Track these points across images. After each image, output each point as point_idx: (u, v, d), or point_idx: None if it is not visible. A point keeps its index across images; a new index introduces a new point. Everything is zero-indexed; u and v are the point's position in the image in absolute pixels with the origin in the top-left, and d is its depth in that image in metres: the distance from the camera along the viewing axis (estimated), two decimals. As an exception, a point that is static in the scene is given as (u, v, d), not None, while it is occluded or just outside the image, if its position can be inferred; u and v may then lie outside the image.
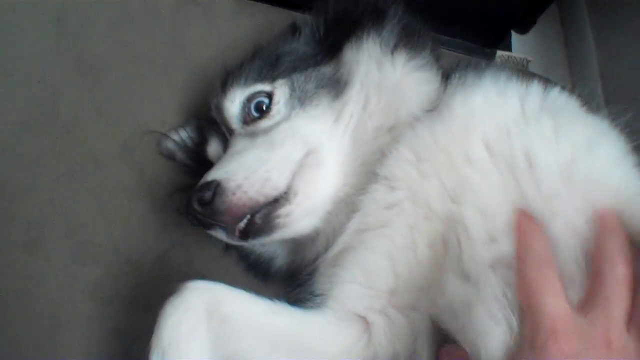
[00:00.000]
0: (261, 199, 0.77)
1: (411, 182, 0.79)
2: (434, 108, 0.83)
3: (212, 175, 0.78)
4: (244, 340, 0.75)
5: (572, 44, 1.46)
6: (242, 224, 0.77)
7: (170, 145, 0.98)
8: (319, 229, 0.84)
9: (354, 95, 0.85)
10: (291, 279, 0.89)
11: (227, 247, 0.94)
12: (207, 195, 0.76)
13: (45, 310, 0.89)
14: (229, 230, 0.78)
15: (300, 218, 0.80)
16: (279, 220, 0.79)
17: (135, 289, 0.91)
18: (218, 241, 0.90)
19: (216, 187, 0.76)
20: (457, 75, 0.84)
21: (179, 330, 0.69)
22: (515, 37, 1.40)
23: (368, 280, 0.80)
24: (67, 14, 1.03)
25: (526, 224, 0.69)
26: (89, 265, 0.92)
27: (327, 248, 0.84)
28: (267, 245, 0.92)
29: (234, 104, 0.86)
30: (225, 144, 0.88)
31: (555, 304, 0.62)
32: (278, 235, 0.80)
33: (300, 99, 0.85)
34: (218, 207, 0.76)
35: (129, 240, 0.94)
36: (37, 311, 0.89)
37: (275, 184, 0.78)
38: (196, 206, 0.76)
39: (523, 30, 1.39)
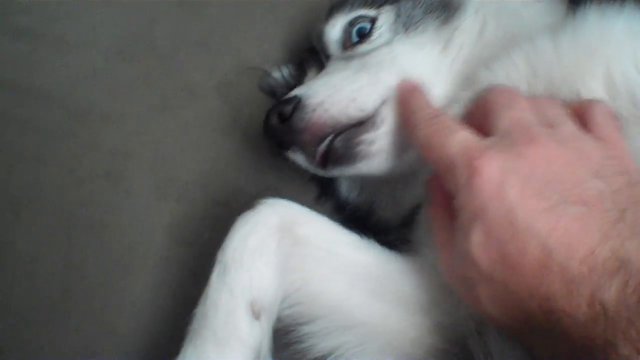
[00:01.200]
0: (343, 119, 0.68)
1: None
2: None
3: (296, 91, 0.70)
4: (318, 269, 0.66)
5: None
6: (322, 147, 0.68)
7: (271, 81, 0.88)
8: (417, 172, 0.72)
9: (467, 20, 0.75)
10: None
11: (321, 196, 0.83)
12: (287, 109, 0.69)
13: (121, 247, 0.80)
14: (308, 153, 0.69)
15: (384, 151, 0.69)
16: (361, 148, 0.68)
17: (220, 233, 0.80)
18: (313, 188, 0.80)
19: (297, 102, 0.68)
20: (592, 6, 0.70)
21: (246, 244, 0.62)
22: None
23: None
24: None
25: (403, 93, 0.64)
26: (172, 202, 0.82)
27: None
28: (364, 194, 0.81)
29: (334, 28, 0.78)
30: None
31: (457, 137, 0.54)
32: (360, 167, 0.70)
33: (405, 25, 0.75)
34: (297, 124, 0.68)
35: (219, 180, 0.84)
36: (113, 246, 0.80)
37: (360, 105, 0.68)
38: (274, 121, 0.69)
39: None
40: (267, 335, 0.61)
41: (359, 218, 0.82)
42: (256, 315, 0.60)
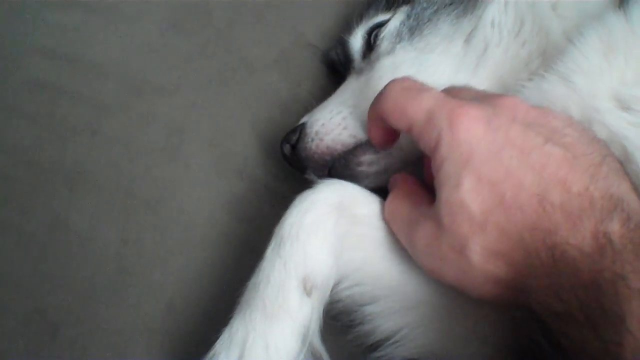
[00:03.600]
0: (338, 147, 0.69)
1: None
2: None
3: (304, 117, 0.73)
4: (377, 249, 0.64)
5: None
6: (326, 171, 0.70)
7: (333, 55, 0.85)
8: None
9: (493, 9, 0.70)
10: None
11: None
12: (293, 139, 0.72)
13: (179, 223, 0.77)
14: (318, 175, 0.70)
15: (385, 170, 0.70)
16: (362, 169, 0.70)
17: (279, 209, 0.77)
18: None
19: (300, 131, 0.72)
20: None
21: (303, 220, 0.61)
22: None
23: None
24: None
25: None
26: (231, 178, 0.79)
27: None
28: None
29: (356, 38, 0.78)
30: None
31: (431, 93, 0.53)
32: (369, 183, 0.69)
33: (412, 28, 0.73)
34: (300, 153, 0.71)
35: (277, 155, 0.81)
36: (170, 223, 0.77)
37: (352, 132, 0.69)
38: (287, 150, 0.73)
39: None
40: (317, 313, 0.59)
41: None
42: (308, 291, 0.59)
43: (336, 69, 0.85)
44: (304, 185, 0.75)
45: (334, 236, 0.61)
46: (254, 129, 0.82)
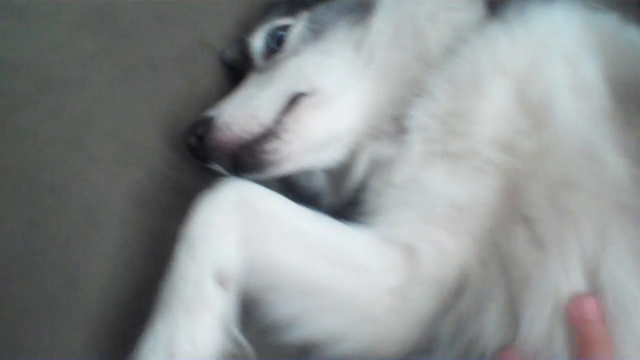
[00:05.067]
0: (246, 136, 0.77)
1: None
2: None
3: (211, 111, 0.80)
4: (281, 243, 0.71)
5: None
6: (232, 160, 0.78)
7: (230, 55, 0.93)
8: (349, 164, 0.80)
9: (379, 19, 0.80)
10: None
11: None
12: (200, 131, 0.80)
13: (82, 208, 0.84)
14: (223, 165, 0.78)
15: (295, 155, 0.78)
16: (266, 157, 0.77)
17: (176, 196, 0.85)
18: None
19: (209, 123, 0.78)
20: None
21: (210, 220, 0.67)
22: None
23: (421, 204, 0.72)
24: None
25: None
26: (132, 166, 0.86)
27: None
28: (308, 179, 0.87)
29: (256, 39, 0.86)
30: None
31: None
32: (271, 172, 0.78)
33: (315, 32, 0.82)
34: (208, 143, 0.78)
35: (177, 146, 0.88)
36: (74, 208, 0.84)
37: (260, 121, 0.77)
38: (193, 141, 0.80)
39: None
40: (232, 303, 0.66)
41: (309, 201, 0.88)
42: (223, 284, 0.65)
43: (234, 68, 0.92)
44: (204, 175, 0.83)
45: (240, 231, 0.68)
46: (155, 122, 0.89)
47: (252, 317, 0.72)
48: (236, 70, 0.91)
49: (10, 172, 0.84)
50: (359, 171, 0.80)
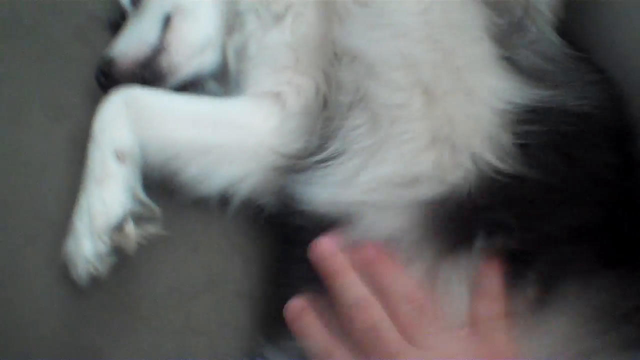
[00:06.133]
0: (141, 57, 1.00)
1: None
2: None
3: (107, 51, 1.02)
4: (166, 123, 0.93)
5: None
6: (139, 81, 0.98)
7: (113, 18, 1.17)
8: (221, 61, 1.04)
9: None
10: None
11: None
12: (104, 68, 1.00)
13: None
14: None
15: (184, 61, 1.02)
16: (164, 67, 1.01)
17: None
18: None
19: (109, 60, 1.00)
20: None
21: (106, 117, 0.90)
22: None
23: (276, 60, 0.96)
24: None
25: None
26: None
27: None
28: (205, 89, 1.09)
29: None
30: None
31: None
32: (174, 79, 1.02)
33: None
34: (116, 77, 0.99)
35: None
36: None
37: (148, 42, 1.00)
38: (102, 80, 1.00)
39: None
40: (134, 174, 0.89)
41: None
42: (122, 159, 0.88)
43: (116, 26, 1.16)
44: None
45: (128, 120, 0.90)
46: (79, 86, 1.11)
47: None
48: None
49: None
50: (231, 64, 1.03)
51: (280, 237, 0.92)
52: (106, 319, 0.93)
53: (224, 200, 0.96)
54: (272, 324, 0.87)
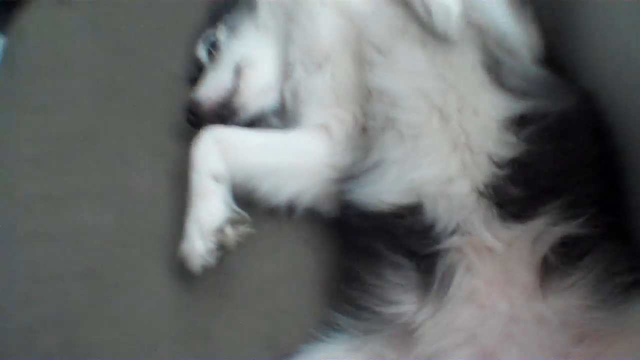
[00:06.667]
0: (220, 99, 1.28)
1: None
2: None
3: (192, 95, 1.29)
4: (244, 153, 1.20)
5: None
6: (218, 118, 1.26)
7: (191, 73, 1.45)
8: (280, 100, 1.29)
9: (263, 11, 1.32)
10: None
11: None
12: (192, 109, 1.27)
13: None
14: (214, 123, 1.24)
15: (251, 102, 1.28)
16: (238, 106, 1.28)
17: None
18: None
19: (195, 102, 1.27)
20: None
21: (200, 151, 1.16)
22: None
23: (320, 100, 1.22)
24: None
25: None
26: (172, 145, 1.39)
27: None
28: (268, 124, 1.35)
29: (199, 49, 1.37)
30: None
31: None
32: (245, 115, 1.28)
33: (232, 30, 1.34)
34: (202, 115, 1.27)
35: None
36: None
37: (223, 87, 1.28)
38: (190, 117, 1.28)
39: None
40: (227, 191, 1.15)
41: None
42: (217, 180, 1.15)
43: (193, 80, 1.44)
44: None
45: (218, 152, 1.16)
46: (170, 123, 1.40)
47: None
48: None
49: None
50: (288, 103, 1.30)
51: (342, 231, 1.16)
52: (213, 307, 1.18)
53: (291, 208, 1.21)
54: (341, 299, 1.09)
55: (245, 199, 1.18)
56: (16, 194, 1.34)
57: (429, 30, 1.05)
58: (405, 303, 1.00)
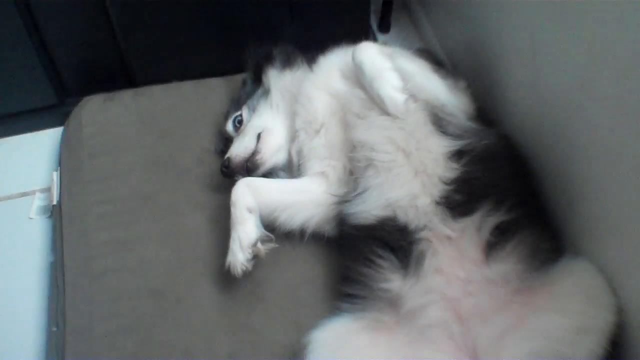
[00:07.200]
0: (246, 156, 1.74)
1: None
2: None
3: (227, 154, 1.76)
4: (269, 194, 1.63)
5: (423, 39, 2.44)
6: (244, 170, 1.73)
7: (219, 146, 1.96)
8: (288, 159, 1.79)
9: (275, 94, 1.84)
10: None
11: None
12: (226, 163, 1.73)
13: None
14: (242, 174, 1.71)
15: (268, 158, 1.75)
16: (258, 162, 1.74)
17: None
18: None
19: (228, 159, 1.70)
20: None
21: (237, 193, 1.59)
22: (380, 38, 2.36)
23: (319, 155, 1.72)
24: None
25: None
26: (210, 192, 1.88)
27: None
28: (279, 174, 1.83)
29: (229, 124, 1.86)
30: None
31: None
32: (264, 168, 1.75)
33: (253, 109, 1.83)
34: (232, 168, 1.69)
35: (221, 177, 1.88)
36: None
37: (248, 147, 1.75)
38: (224, 169, 1.69)
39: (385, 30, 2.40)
40: (258, 219, 1.57)
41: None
42: (251, 211, 1.57)
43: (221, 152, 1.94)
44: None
45: (249, 193, 1.60)
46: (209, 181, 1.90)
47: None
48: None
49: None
50: (294, 159, 1.80)
51: (341, 242, 1.61)
52: (250, 306, 1.59)
53: (303, 231, 1.66)
54: (343, 293, 1.52)
55: (270, 227, 1.62)
56: (89, 241, 1.76)
57: None
58: (392, 281, 1.42)
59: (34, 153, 2.15)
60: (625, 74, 1.17)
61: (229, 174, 1.72)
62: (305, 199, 1.65)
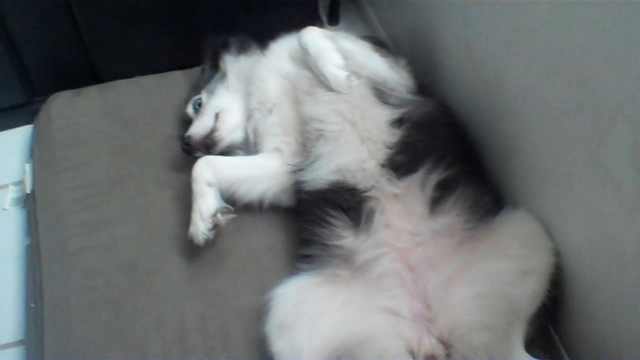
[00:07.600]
0: (205, 134, 1.87)
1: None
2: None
3: (187, 132, 1.89)
4: (228, 170, 1.77)
5: (371, 29, 2.59)
6: (204, 147, 1.87)
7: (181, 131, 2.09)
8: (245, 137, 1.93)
9: (231, 77, 1.97)
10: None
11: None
12: (186, 140, 1.86)
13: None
14: (201, 152, 1.85)
15: (226, 135, 1.89)
16: (216, 138, 1.87)
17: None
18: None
19: (188, 137, 1.87)
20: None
21: (197, 170, 1.72)
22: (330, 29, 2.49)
23: (273, 132, 1.86)
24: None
25: None
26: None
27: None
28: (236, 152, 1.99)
29: (189, 107, 2.00)
30: None
31: None
32: (222, 144, 1.89)
33: (211, 92, 1.96)
34: (192, 144, 1.86)
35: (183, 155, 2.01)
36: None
37: (207, 125, 1.88)
38: (185, 147, 1.86)
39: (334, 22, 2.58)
40: (217, 192, 1.70)
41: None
42: (210, 185, 1.70)
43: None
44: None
45: (209, 169, 1.72)
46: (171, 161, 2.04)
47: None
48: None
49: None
50: (250, 137, 1.93)
51: (297, 207, 1.75)
52: (216, 273, 1.71)
53: (261, 203, 1.81)
54: (302, 254, 1.66)
55: (229, 200, 1.75)
56: (63, 224, 1.87)
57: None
58: (345, 238, 1.56)
59: (5, 150, 2.27)
60: (541, 33, 1.35)
61: (190, 150, 1.85)
62: (261, 173, 1.79)
